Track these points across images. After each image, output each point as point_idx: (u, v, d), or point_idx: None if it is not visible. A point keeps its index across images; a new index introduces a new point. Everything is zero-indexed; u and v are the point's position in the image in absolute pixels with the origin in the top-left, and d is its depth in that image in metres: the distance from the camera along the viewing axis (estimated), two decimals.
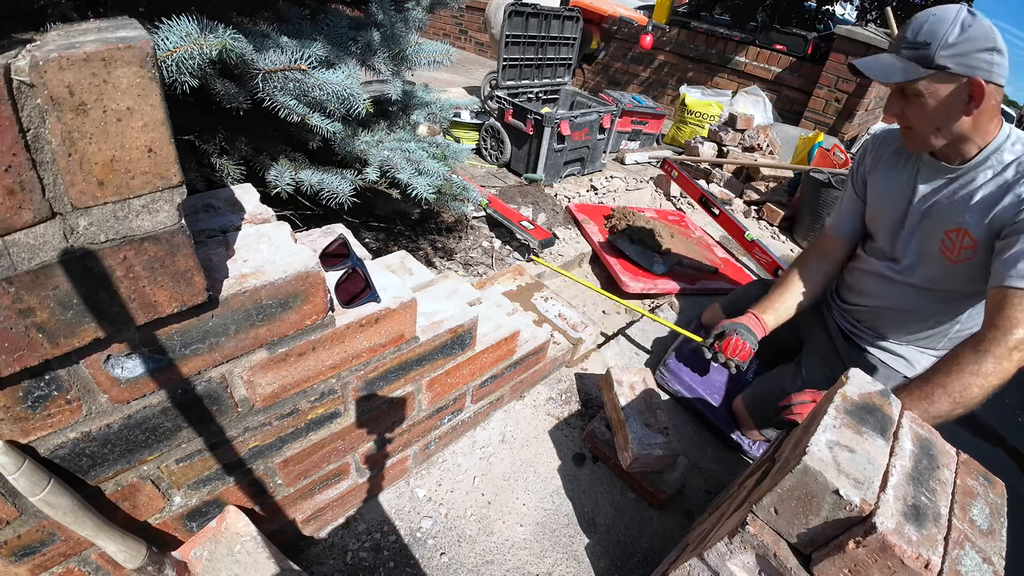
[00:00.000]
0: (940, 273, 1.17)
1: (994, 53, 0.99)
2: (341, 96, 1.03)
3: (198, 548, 0.78)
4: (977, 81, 0.99)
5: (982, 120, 1.04)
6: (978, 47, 0.98)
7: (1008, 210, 1.03)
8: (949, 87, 1.01)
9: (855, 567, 0.59)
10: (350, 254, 0.83)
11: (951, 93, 1.02)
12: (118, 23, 0.47)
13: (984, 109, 1.02)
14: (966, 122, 1.04)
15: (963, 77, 0.99)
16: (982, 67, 0.98)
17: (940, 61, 0.99)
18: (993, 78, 1.00)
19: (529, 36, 2.85)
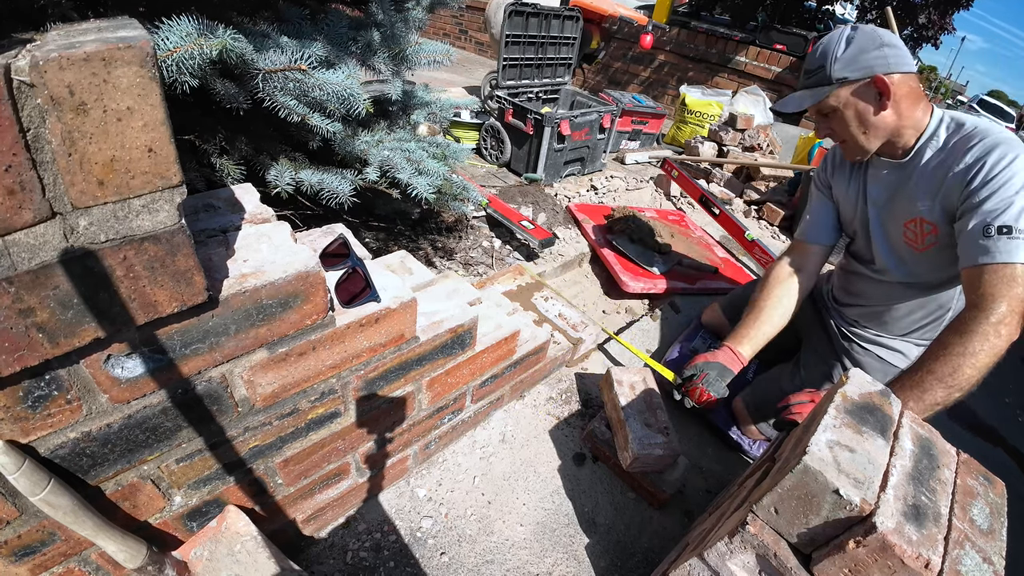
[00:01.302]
0: (915, 265, 1.20)
1: (884, 48, 1.06)
2: (341, 96, 1.03)
3: (198, 548, 0.78)
4: (878, 77, 1.05)
5: (904, 110, 1.09)
6: (867, 49, 1.06)
7: (953, 189, 1.05)
8: (856, 92, 1.08)
9: (855, 567, 0.59)
10: (350, 254, 0.83)
11: (859, 97, 1.09)
12: (118, 23, 0.47)
13: (899, 99, 1.08)
14: (888, 116, 1.09)
15: (864, 79, 1.06)
16: (877, 64, 1.05)
17: (838, 74, 1.08)
18: (892, 69, 1.05)
19: (529, 36, 2.85)
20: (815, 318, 1.52)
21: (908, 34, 9.10)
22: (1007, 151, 1.00)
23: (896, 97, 1.07)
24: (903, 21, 8.75)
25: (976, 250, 0.99)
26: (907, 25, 8.92)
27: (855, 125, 1.12)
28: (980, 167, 1.01)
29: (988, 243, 0.97)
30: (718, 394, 1.21)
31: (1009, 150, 1.00)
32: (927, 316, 1.25)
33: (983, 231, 0.98)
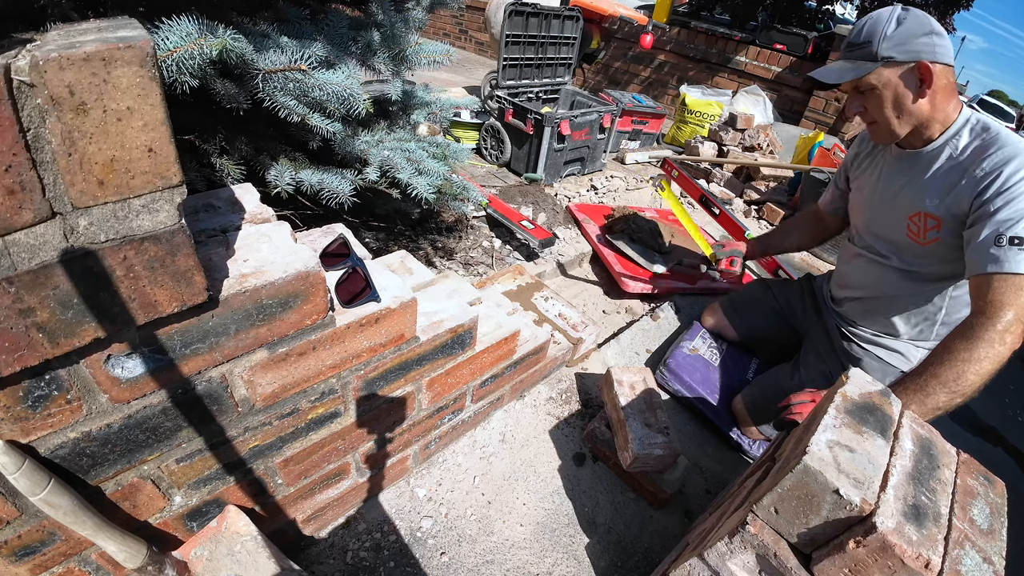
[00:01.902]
0: (914, 256, 1.21)
1: (933, 36, 1.06)
2: (341, 96, 1.03)
3: (198, 548, 0.78)
4: (924, 64, 1.04)
5: (939, 102, 1.09)
6: (917, 33, 1.05)
7: (965, 193, 1.06)
8: (899, 74, 1.07)
9: (855, 567, 0.59)
10: (350, 254, 0.83)
11: (902, 79, 1.08)
12: (118, 23, 0.47)
13: (937, 89, 1.07)
14: (924, 105, 1.09)
15: (910, 62, 1.06)
16: (925, 50, 1.05)
17: (884, 53, 1.06)
18: (938, 58, 1.05)
19: (529, 36, 2.85)
20: (815, 318, 1.52)
21: None
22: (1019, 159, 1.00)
23: (935, 87, 1.07)
24: None
25: (986, 258, 0.99)
26: None
27: (890, 108, 1.11)
28: (996, 176, 1.01)
29: (999, 252, 0.98)
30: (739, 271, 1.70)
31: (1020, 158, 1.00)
32: (920, 314, 1.25)
33: (995, 240, 0.98)
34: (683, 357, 1.59)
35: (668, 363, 1.58)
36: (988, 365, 1.00)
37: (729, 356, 1.65)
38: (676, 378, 1.54)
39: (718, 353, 1.65)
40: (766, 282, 1.75)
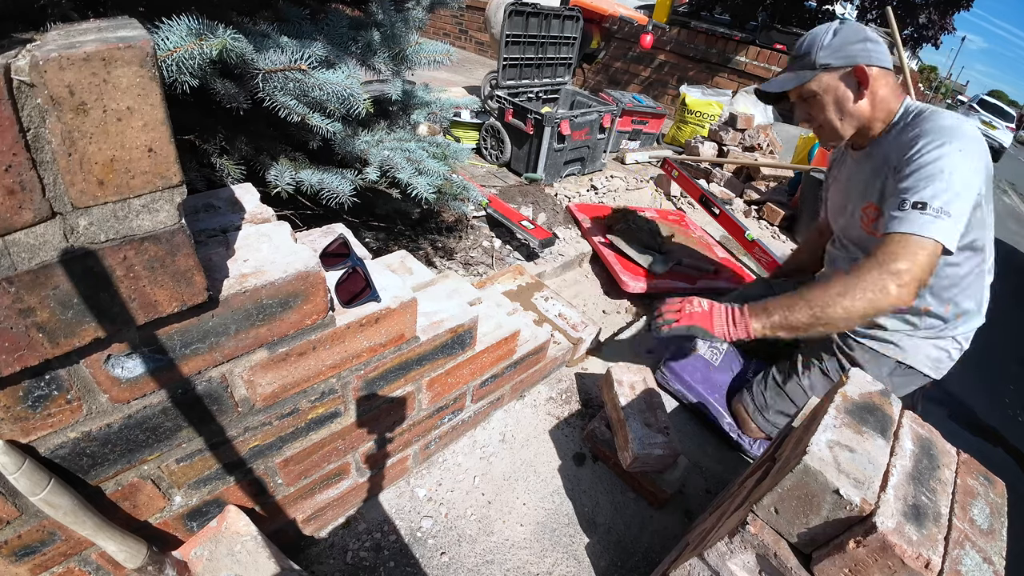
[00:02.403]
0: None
1: (867, 42, 1.13)
2: (341, 96, 1.03)
3: (199, 547, 0.78)
4: (859, 67, 1.12)
5: (879, 102, 1.16)
6: (852, 40, 1.13)
7: (891, 175, 1.12)
8: (837, 78, 1.15)
9: (855, 567, 0.59)
10: (350, 254, 0.83)
11: (841, 82, 1.15)
12: (118, 23, 0.47)
13: (876, 90, 1.15)
14: (864, 106, 1.16)
15: (847, 67, 1.13)
16: (861, 55, 1.12)
17: (823, 60, 1.14)
18: (873, 62, 1.13)
19: (529, 35, 2.85)
20: None
21: (908, 34, 9.10)
22: (941, 138, 1.04)
23: (873, 88, 1.14)
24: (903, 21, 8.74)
25: (891, 221, 1.04)
26: (907, 25, 8.92)
27: (833, 110, 1.18)
28: (914, 153, 1.06)
29: (903, 215, 1.02)
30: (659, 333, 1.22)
31: (944, 138, 1.03)
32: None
33: (899, 205, 1.03)
34: (683, 357, 1.59)
35: (668, 363, 1.58)
36: (860, 304, 1.03)
37: (729, 356, 1.65)
38: (676, 378, 1.54)
39: (718, 353, 1.65)
40: (767, 281, 1.75)
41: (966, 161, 1.01)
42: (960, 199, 1.00)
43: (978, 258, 1.16)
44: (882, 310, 1.04)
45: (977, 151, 1.04)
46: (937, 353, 1.26)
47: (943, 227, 0.99)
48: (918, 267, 1.00)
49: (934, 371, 1.28)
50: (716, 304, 1.23)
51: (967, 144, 1.03)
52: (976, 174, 1.02)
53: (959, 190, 1.00)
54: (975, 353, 2.85)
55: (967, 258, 1.15)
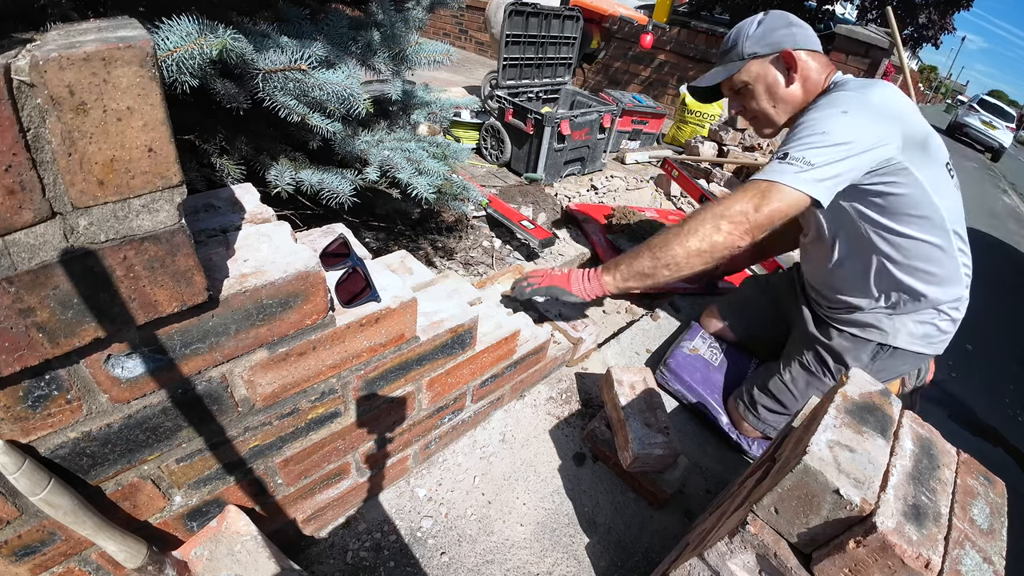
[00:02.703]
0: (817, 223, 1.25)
1: (792, 27, 1.15)
2: (341, 96, 1.03)
3: (199, 547, 0.78)
4: (786, 51, 1.13)
5: (810, 86, 1.17)
6: (776, 27, 1.15)
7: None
8: (766, 65, 1.17)
9: (855, 567, 0.59)
10: (350, 253, 0.83)
11: (770, 69, 1.17)
12: (118, 23, 0.47)
13: (806, 73, 1.16)
14: (796, 90, 1.17)
15: (774, 53, 1.15)
16: (786, 40, 1.14)
17: (749, 50, 1.16)
18: (799, 45, 1.14)
19: (529, 35, 2.85)
20: (796, 308, 1.51)
21: (908, 34, 9.10)
22: (829, 104, 1.05)
23: (803, 72, 1.15)
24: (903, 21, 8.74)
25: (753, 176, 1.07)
26: (907, 25, 8.92)
27: (765, 98, 1.20)
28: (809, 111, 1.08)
29: (771, 163, 1.05)
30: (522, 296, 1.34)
31: (832, 103, 1.05)
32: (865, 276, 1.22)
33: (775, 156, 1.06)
34: (683, 357, 1.59)
35: (668, 363, 1.58)
36: (695, 242, 1.07)
37: (729, 356, 1.65)
38: (676, 378, 1.54)
39: (718, 353, 1.65)
40: (759, 278, 1.74)
41: (849, 119, 1.01)
42: (831, 151, 0.99)
43: (932, 227, 1.11)
44: (717, 247, 1.06)
45: (870, 113, 1.03)
46: (923, 328, 1.22)
47: (799, 175, 0.99)
48: (754, 209, 1.02)
49: (927, 347, 1.24)
50: (575, 269, 1.29)
51: (856, 107, 1.03)
52: (865, 131, 1.01)
53: (832, 142, 0.99)
54: (975, 353, 2.85)
55: (919, 227, 1.11)
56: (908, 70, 3.14)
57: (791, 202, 1.02)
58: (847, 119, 1.01)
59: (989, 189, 8.17)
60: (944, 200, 1.10)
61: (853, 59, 4.00)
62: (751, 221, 1.03)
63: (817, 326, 1.37)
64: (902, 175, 1.05)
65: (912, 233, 1.11)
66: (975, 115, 13.57)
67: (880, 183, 1.06)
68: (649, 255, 1.14)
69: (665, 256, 1.10)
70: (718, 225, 1.05)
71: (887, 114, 1.04)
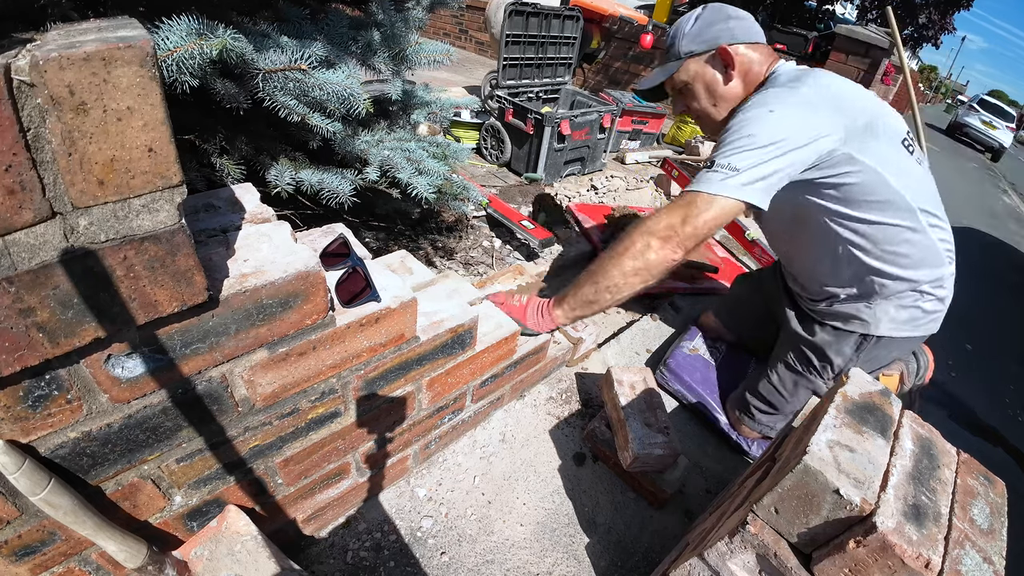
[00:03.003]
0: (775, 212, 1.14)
1: (729, 20, 1.11)
2: (341, 96, 1.03)
3: (199, 547, 0.78)
4: (722, 47, 1.09)
5: (751, 80, 1.13)
6: (713, 23, 1.10)
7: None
8: (703, 63, 1.13)
9: (855, 566, 0.59)
10: (350, 253, 0.83)
11: (708, 68, 1.13)
12: (118, 23, 0.47)
13: (746, 68, 1.12)
14: (736, 86, 1.13)
15: (710, 50, 1.11)
16: (723, 35, 1.10)
17: (686, 48, 1.13)
18: (737, 39, 1.10)
19: (529, 35, 2.85)
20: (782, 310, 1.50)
21: (908, 34, 9.10)
22: (756, 104, 1.02)
23: (741, 68, 1.11)
24: (903, 21, 8.74)
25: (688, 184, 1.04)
26: (907, 25, 8.92)
27: (705, 97, 1.16)
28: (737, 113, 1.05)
29: (698, 174, 1.02)
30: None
31: (759, 103, 1.02)
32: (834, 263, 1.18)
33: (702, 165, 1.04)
34: (683, 357, 1.59)
35: (668, 363, 1.58)
36: (628, 262, 1.06)
37: (729, 356, 1.65)
38: (676, 378, 1.54)
39: (718, 353, 1.65)
40: (751, 275, 1.72)
41: (777, 117, 0.98)
42: (757, 153, 0.96)
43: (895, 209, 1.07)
44: (652, 264, 1.05)
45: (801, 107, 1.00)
46: (907, 313, 1.18)
47: (724, 182, 0.97)
48: (681, 222, 1.00)
49: (914, 330, 1.20)
50: (534, 298, 1.28)
51: (784, 103, 1.00)
52: (797, 127, 0.97)
53: (759, 144, 0.96)
54: (975, 353, 2.85)
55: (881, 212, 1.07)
56: (908, 70, 3.14)
57: (720, 210, 0.99)
58: (775, 117, 0.98)
59: (989, 189, 8.18)
60: (904, 179, 1.06)
61: (853, 59, 4.00)
62: (680, 234, 1.01)
63: (801, 322, 1.35)
64: (849, 164, 1.01)
65: (875, 218, 1.07)
66: (975, 115, 13.58)
67: (828, 176, 1.03)
68: (590, 282, 1.13)
69: (604, 280, 1.09)
70: (648, 243, 1.03)
71: (821, 105, 1.00)
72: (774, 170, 0.97)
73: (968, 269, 4.00)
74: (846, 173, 1.02)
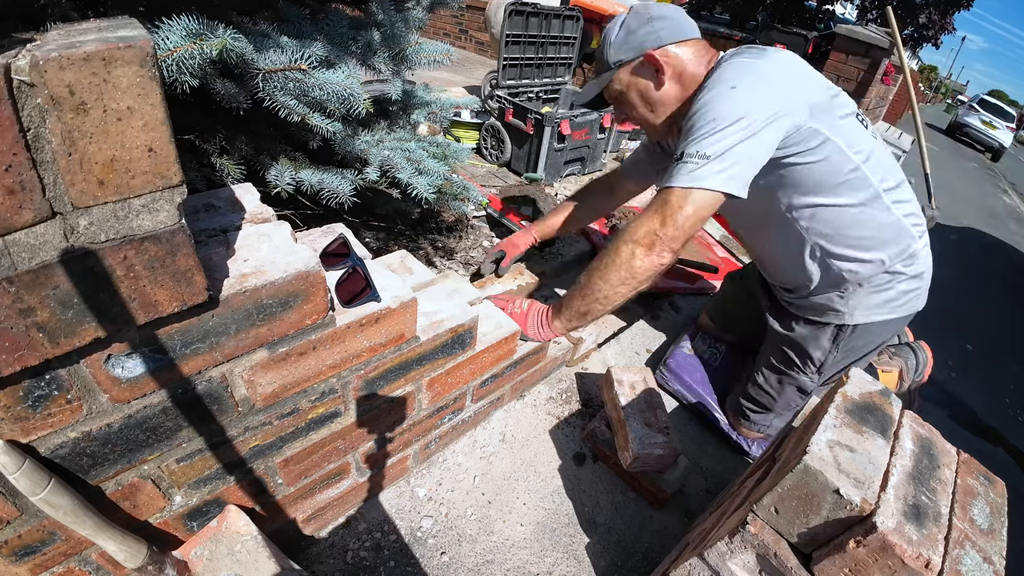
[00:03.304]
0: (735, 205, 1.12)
1: (652, 23, 1.05)
2: (341, 96, 1.03)
3: (199, 547, 0.78)
4: (648, 53, 1.05)
5: (687, 79, 1.07)
6: (637, 28, 1.06)
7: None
8: (633, 72, 1.09)
9: (855, 566, 0.59)
10: (350, 253, 0.83)
11: (638, 76, 1.09)
12: (118, 23, 0.47)
13: (679, 70, 1.07)
14: (671, 89, 1.08)
15: (637, 58, 1.07)
16: (648, 40, 1.05)
17: (614, 58, 1.09)
18: (663, 41, 1.05)
19: (529, 35, 2.85)
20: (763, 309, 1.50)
21: (908, 34, 9.10)
22: (715, 84, 0.96)
23: (673, 70, 1.06)
24: (903, 21, 8.74)
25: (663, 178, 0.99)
26: (907, 25, 8.92)
27: (641, 105, 1.12)
28: (690, 111, 0.98)
29: (669, 169, 0.97)
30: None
31: (718, 83, 0.96)
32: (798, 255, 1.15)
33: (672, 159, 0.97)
34: (683, 357, 1.59)
35: (668, 363, 1.58)
36: (614, 274, 1.03)
37: (728, 356, 1.65)
38: (676, 378, 1.54)
39: (718, 353, 1.65)
40: (735, 274, 1.69)
41: (742, 93, 0.92)
42: (726, 135, 0.90)
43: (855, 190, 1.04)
44: (639, 273, 1.01)
45: (765, 80, 0.95)
46: (880, 296, 1.14)
47: (695, 172, 0.91)
48: (660, 224, 0.95)
49: (892, 312, 1.16)
50: (535, 304, 1.26)
51: (747, 77, 0.95)
52: (763, 101, 0.92)
53: (725, 125, 0.90)
54: (975, 353, 2.85)
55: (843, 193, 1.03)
56: (908, 70, 3.14)
57: (697, 205, 0.93)
58: (739, 94, 0.93)
59: (989, 189, 8.18)
60: (865, 155, 1.02)
61: (853, 59, 4.00)
62: (663, 237, 0.96)
63: (778, 318, 1.33)
64: (815, 139, 0.97)
65: (838, 201, 1.04)
66: (975, 115, 13.58)
67: (795, 154, 0.98)
68: (579, 296, 1.11)
69: (594, 293, 1.07)
70: (633, 252, 1.00)
71: (786, 79, 0.96)
72: (748, 151, 0.91)
73: (968, 269, 4.00)
74: (812, 150, 0.98)
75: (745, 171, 0.92)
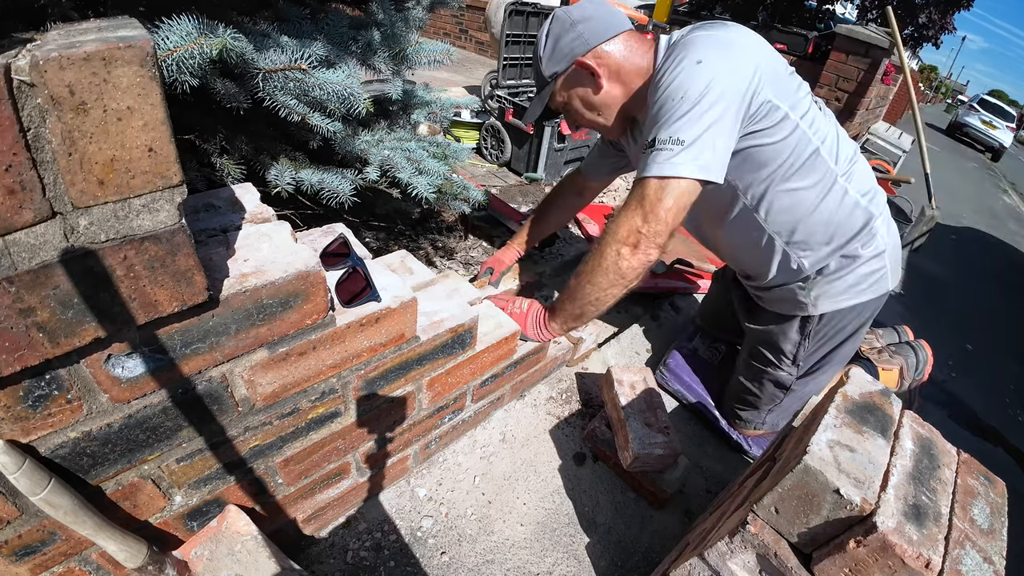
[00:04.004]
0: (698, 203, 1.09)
1: (576, 27, 1.02)
2: (341, 96, 1.03)
3: (199, 547, 0.78)
4: (578, 60, 1.03)
5: (626, 75, 1.04)
6: (562, 36, 1.03)
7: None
8: (569, 82, 1.07)
9: (856, 566, 0.59)
10: (350, 253, 0.83)
11: (573, 85, 1.07)
12: (118, 22, 0.47)
13: (615, 69, 1.04)
14: (611, 89, 1.06)
15: (569, 67, 1.05)
16: (576, 47, 1.02)
17: (549, 71, 1.07)
18: (591, 44, 1.02)
19: (529, 35, 2.85)
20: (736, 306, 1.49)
21: (909, 34, 9.10)
22: (676, 62, 0.91)
23: (609, 70, 1.03)
24: (903, 21, 8.74)
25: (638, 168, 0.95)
26: (907, 25, 8.92)
27: (586, 111, 1.11)
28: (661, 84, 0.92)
29: (641, 163, 0.93)
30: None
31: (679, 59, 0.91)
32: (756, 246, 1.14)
33: (643, 147, 0.93)
34: (683, 357, 1.59)
35: (668, 363, 1.58)
36: (601, 277, 1.02)
37: (728, 356, 1.65)
38: (676, 378, 1.54)
39: (718, 353, 1.65)
40: (718, 273, 1.69)
41: (708, 67, 0.88)
42: (701, 115, 0.86)
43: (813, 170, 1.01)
44: (627, 273, 0.99)
45: (731, 53, 0.90)
46: (844, 282, 1.11)
47: (671, 160, 0.87)
48: (642, 220, 0.92)
49: (860, 295, 1.13)
50: (535, 304, 1.26)
51: (712, 50, 0.90)
52: (732, 74, 0.88)
53: (693, 103, 0.86)
54: (975, 353, 2.84)
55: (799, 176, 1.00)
56: (908, 70, 3.13)
57: (677, 194, 0.89)
58: (706, 68, 0.88)
59: (989, 189, 8.17)
60: (821, 135, 1.00)
61: (853, 59, 4.00)
62: (647, 234, 0.93)
63: (750, 314, 1.32)
64: (776, 115, 0.94)
65: (795, 187, 1.01)
66: (975, 115, 13.58)
67: (756, 132, 0.94)
68: (570, 300, 1.11)
69: (585, 297, 1.07)
70: (618, 252, 0.97)
71: (750, 52, 0.92)
72: (723, 130, 0.87)
73: (968, 269, 4.00)
74: (774, 129, 0.94)
75: (721, 154, 0.88)
